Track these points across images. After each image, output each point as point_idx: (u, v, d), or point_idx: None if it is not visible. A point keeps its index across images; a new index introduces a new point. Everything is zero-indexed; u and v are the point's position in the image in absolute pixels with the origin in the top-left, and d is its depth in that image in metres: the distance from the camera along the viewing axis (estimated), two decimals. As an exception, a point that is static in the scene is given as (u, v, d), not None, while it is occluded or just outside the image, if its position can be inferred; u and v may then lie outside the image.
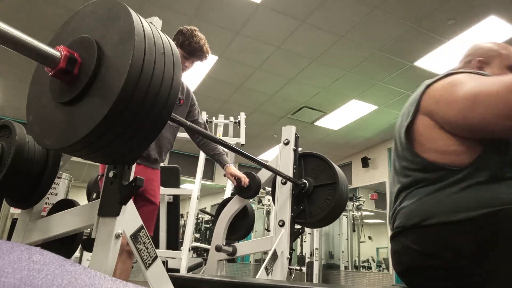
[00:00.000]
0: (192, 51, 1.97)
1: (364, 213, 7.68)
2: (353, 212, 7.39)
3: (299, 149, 2.22)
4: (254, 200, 7.56)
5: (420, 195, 0.91)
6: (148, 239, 1.04)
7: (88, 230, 1.22)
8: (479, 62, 1.14)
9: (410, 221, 0.89)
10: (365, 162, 7.41)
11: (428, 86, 0.98)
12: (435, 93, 0.94)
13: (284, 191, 2.09)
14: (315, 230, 6.68)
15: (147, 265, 1.02)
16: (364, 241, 7.39)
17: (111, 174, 0.96)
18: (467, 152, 0.86)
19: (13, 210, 3.74)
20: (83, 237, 1.49)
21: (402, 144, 0.99)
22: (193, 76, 5.23)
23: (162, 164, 2.12)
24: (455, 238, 0.82)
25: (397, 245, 0.94)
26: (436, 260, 0.84)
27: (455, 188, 0.85)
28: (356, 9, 3.73)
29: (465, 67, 1.17)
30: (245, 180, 2.15)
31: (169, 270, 2.81)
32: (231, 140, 3.75)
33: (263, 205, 7.83)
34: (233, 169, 2.19)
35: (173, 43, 0.90)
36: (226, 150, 3.05)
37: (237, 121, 4.00)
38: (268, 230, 7.61)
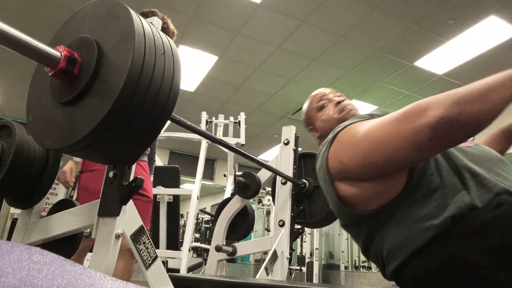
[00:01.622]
0: None
1: (364, 213, 7.67)
2: (353, 212, 7.38)
3: (299, 149, 2.23)
4: (254, 200, 7.55)
5: (384, 235, 0.87)
6: (148, 239, 1.04)
7: (88, 230, 1.22)
8: (310, 130, 1.26)
9: (395, 262, 0.85)
10: (365, 162, 7.41)
11: (326, 153, 0.95)
12: (335, 152, 0.92)
13: (284, 191, 2.09)
14: (315, 230, 6.68)
15: (147, 265, 1.02)
16: (364, 241, 7.38)
17: (111, 174, 0.96)
18: (389, 189, 0.85)
19: (13, 210, 3.75)
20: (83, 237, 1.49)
21: (337, 208, 0.96)
22: (193, 76, 5.23)
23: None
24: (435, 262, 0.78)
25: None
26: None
27: (403, 217, 0.84)
28: (356, 9, 3.73)
29: (314, 134, 1.26)
30: None
31: (169, 270, 2.81)
32: (231, 140, 3.75)
33: (263, 205, 7.83)
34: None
35: (173, 43, 0.90)
36: (226, 150, 3.05)
37: (237, 121, 4.00)
38: (268, 230, 7.60)
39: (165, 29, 2.06)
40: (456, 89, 0.73)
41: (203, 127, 3.81)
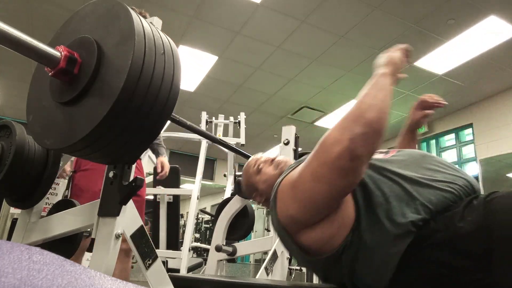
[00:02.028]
0: None
1: (364, 213, 7.66)
2: (353, 212, 7.37)
3: (299, 149, 2.22)
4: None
5: (362, 266, 0.88)
6: (148, 239, 1.04)
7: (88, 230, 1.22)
8: (255, 198, 1.28)
9: (383, 282, 0.85)
10: (365, 162, 7.40)
11: (276, 214, 0.95)
12: (281, 208, 0.92)
13: (284, 191, 2.09)
14: (315, 230, 6.67)
15: (147, 265, 1.02)
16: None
17: (111, 174, 0.95)
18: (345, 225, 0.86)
19: (13, 210, 3.75)
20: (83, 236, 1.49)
21: (312, 264, 0.96)
22: (193, 76, 5.23)
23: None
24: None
25: None
26: None
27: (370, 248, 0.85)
28: (356, 9, 3.73)
29: (259, 200, 1.28)
30: (164, 174, 2.51)
31: (169, 270, 2.81)
32: (231, 140, 3.75)
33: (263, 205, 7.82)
34: (165, 159, 2.53)
35: (173, 43, 0.90)
36: (226, 150, 3.06)
37: (237, 121, 4.00)
38: (268, 230, 7.60)
39: None
40: (350, 111, 0.82)
41: (203, 127, 3.81)
